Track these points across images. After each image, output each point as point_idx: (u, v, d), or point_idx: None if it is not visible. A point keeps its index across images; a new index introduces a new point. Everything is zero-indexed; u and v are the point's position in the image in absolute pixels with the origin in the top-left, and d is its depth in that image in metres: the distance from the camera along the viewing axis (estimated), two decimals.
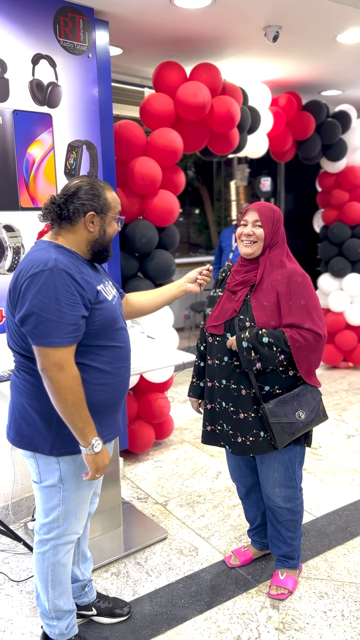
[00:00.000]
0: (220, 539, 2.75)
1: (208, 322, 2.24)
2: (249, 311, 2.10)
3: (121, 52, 3.68)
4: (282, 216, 2.20)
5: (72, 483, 1.85)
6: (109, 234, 1.86)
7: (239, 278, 2.19)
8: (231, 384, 2.14)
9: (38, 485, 1.88)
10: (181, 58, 3.77)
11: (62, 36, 2.79)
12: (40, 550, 1.93)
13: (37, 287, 1.65)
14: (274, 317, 2.07)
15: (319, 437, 3.91)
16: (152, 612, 2.26)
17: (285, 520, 2.31)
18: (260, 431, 2.13)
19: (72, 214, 1.78)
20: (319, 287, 5.43)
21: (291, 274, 2.11)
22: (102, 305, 1.78)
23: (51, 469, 1.83)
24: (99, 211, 1.80)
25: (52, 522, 1.89)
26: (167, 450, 3.76)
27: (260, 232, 2.12)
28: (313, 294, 2.13)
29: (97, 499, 2.17)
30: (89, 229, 1.80)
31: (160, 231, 3.48)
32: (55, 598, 1.97)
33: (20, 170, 2.73)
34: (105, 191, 1.83)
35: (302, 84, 4.68)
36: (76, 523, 1.93)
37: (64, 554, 1.94)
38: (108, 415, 1.88)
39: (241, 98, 3.65)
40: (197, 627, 2.18)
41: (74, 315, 1.68)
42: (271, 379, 2.11)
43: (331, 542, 2.70)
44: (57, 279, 1.66)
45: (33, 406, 1.80)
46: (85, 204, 1.78)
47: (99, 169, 3.03)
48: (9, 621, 2.25)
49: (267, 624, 2.19)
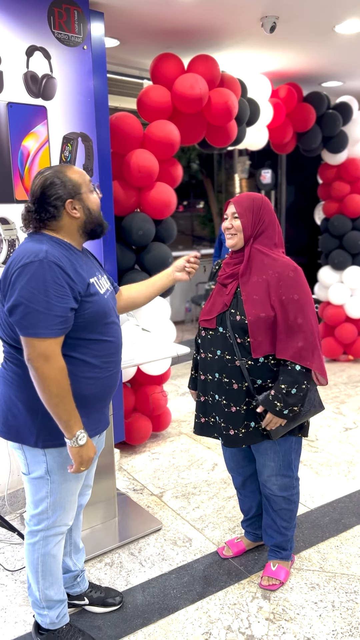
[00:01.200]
0: (214, 530, 2.77)
1: (200, 315, 2.25)
2: (240, 304, 2.10)
3: (118, 44, 3.67)
4: (265, 204, 2.15)
5: (59, 475, 1.86)
6: (94, 209, 1.85)
7: (229, 271, 2.19)
8: (223, 378, 2.15)
9: (27, 477, 1.89)
10: (179, 49, 3.75)
11: (57, 28, 2.78)
12: (31, 541, 1.95)
13: (27, 277, 1.66)
14: (264, 310, 2.06)
15: (316, 430, 3.92)
16: (144, 602, 2.29)
17: (281, 509, 2.32)
18: (251, 422, 2.15)
19: (53, 213, 1.77)
20: (319, 279, 5.41)
21: (283, 267, 2.10)
22: (92, 298, 1.78)
23: (38, 460, 1.84)
24: (73, 195, 1.78)
25: (41, 513, 1.91)
26: (164, 442, 3.78)
27: (238, 224, 2.12)
28: (305, 287, 2.12)
29: (89, 491, 2.19)
30: (74, 216, 1.80)
31: (158, 224, 3.48)
32: (46, 588, 1.99)
33: (14, 162, 2.73)
34: (68, 173, 1.80)
35: (303, 75, 4.65)
36: (65, 515, 1.94)
37: (54, 545, 1.96)
38: (96, 410, 1.88)
39: (239, 90, 3.63)
40: (188, 616, 2.20)
41: (62, 307, 1.68)
42: (263, 373, 2.12)
43: (324, 534, 2.71)
44: (47, 271, 1.66)
45: (19, 398, 1.81)
46: (60, 196, 1.76)
47: (94, 161, 3.02)
48: (3, 610, 2.28)
49: (258, 614, 2.21)
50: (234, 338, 2.10)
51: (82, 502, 2.16)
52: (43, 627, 2.04)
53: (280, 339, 2.06)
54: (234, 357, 2.11)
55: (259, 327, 2.06)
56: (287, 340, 2.05)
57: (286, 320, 2.06)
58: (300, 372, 2.07)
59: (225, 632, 2.12)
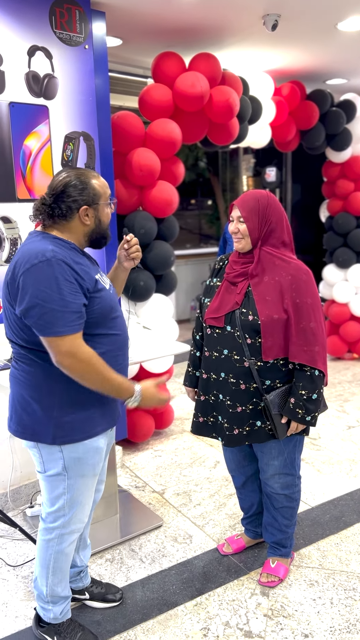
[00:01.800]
0: (214, 527, 2.78)
1: (207, 313, 2.21)
2: (251, 304, 2.08)
3: (121, 43, 3.68)
4: (271, 202, 2.12)
5: (75, 471, 1.88)
6: (104, 221, 1.88)
7: (238, 269, 2.16)
8: (230, 378, 2.13)
9: (42, 475, 1.91)
10: (181, 48, 3.76)
11: (58, 28, 2.80)
12: (45, 538, 1.97)
13: (38, 278, 1.67)
14: (277, 311, 2.05)
15: (319, 428, 3.92)
16: (143, 598, 2.30)
17: (282, 507, 2.33)
18: (257, 421, 2.15)
19: (65, 212, 1.79)
20: (324, 278, 5.41)
21: (296, 270, 2.09)
22: (100, 294, 1.81)
23: (54, 457, 1.85)
24: (90, 203, 1.81)
25: (58, 510, 1.92)
26: (167, 439, 3.80)
27: (244, 228, 2.10)
28: (316, 291, 2.13)
29: (102, 486, 2.20)
30: (84, 223, 1.82)
31: (160, 222, 3.49)
32: (55, 584, 2.01)
33: (17, 162, 2.75)
34: (92, 180, 1.84)
35: (307, 72, 4.64)
36: (81, 511, 1.96)
37: (69, 544, 1.98)
38: (108, 403, 1.90)
39: (241, 88, 3.64)
40: (186, 612, 2.22)
41: (77, 304, 1.70)
42: (272, 373, 2.11)
43: (325, 532, 2.72)
44: (57, 269, 1.68)
45: (33, 397, 1.82)
46: (77, 200, 1.79)
47: (96, 160, 3.04)
48: (4, 604, 2.30)
49: (256, 611, 2.22)
50: (244, 338, 2.08)
51: (95, 498, 2.17)
52: (45, 620, 2.07)
53: (293, 342, 2.06)
54: (242, 358, 2.10)
55: (272, 329, 2.05)
56: (301, 344, 2.05)
57: (299, 324, 2.05)
58: (319, 376, 2.09)
59: (223, 628, 2.13)
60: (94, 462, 1.89)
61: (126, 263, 2.14)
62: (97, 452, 1.89)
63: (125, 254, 2.12)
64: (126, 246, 2.10)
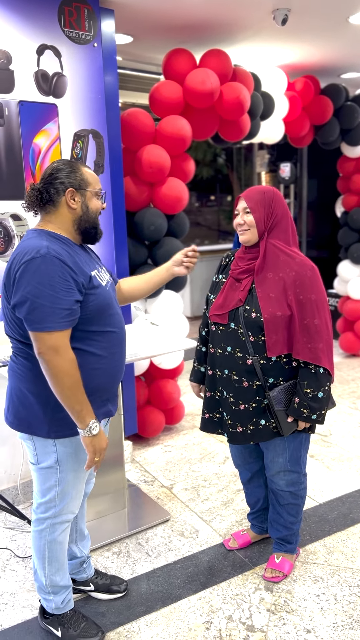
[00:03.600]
0: (221, 522, 2.79)
1: (212, 310, 2.22)
2: (255, 301, 2.08)
3: (132, 40, 3.69)
4: (276, 196, 2.13)
5: (68, 465, 1.91)
6: (92, 210, 1.88)
7: (243, 265, 2.16)
8: (233, 375, 2.14)
9: (35, 466, 1.94)
10: (192, 44, 3.76)
11: (67, 26, 2.83)
12: (38, 529, 2.01)
13: (31, 274, 1.69)
14: (280, 308, 2.05)
15: (330, 425, 3.90)
16: (148, 591, 2.33)
17: (288, 504, 2.33)
18: (261, 419, 2.15)
19: (52, 195, 1.82)
20: (339, 274, 5.36)
21: (300, 266, 2.08)
22: (96, 291, 1.83)
23: (48, 451, 1.89)
24: (77, 187, 1.83)
25: (49, 501, 1.96)
26: (177, 435, 3.82)
27: (251, 219, 2.10)
28: (322, 287, 2.11)
29: (93, 480, 2.24)
30: (70, 206, 1.83)
31: (170, 219, 3.50)
32: (52, 574, 2.04)
33: (26, 160, 2.79)
34: (82, 168, 1.87)
35: (320, 67, 4.60)
36: (72, 503, 1.99)
37: (60, 533, 2.01)
38: (104, 398, 1.93)
39: (252, 84, 3.62)
40: (190, 605, 2.24)
41: (68, 300, 1.72)
42: (275, 371, 2.11)
43: (331, 528, 2.71)
44: (50, 265, 1.70)
45: (30, 390, 1.86)
46: (64, 182, 1.82)
47: (105, 157, 3.07)
48: (12, 594, 2.35)
49: (260, 605, 2.23)
50: (247, 335, 2.09)
51: (87, 489, 2.22)
52: (48, 611, 2.11)
53: (297, 339, 2.05)
54: (245, 355, 2.10)
55: (275, 326, 2.05)
56: (305, 341, 2.05)
57: (303, 320, 2.05)
58: (324, 374, 2.08)
59: (226, 622, 2.15)
60: (86, 456, 1.91)
61: (177, 268, 2.18)
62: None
63: (182, 260, 2.16)
64: (190, 253, 2.15)
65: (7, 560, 2.56)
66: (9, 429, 2.93)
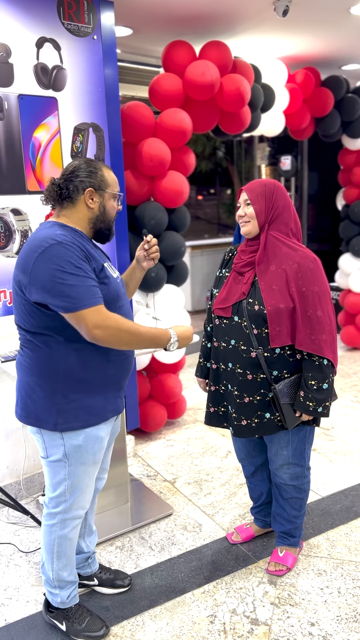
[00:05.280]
0: (224, 516, 2.80)
1: (215, 303, 2.22)
2: (257, 294, 2.08)
3: (132, 33, 3.67)
4: (278, 188, 2.13)
5: (76, 458, 1.91)
6: (109, 211, 1.91)
7: (246, 258, 2.16)
8: (237, 368, 2.14)
9: (45, 460, 1.95)
10: (193, 36, 3.74)
11: (67, 19, 2.80)
12: (49, 523, 2.01)
13: (51, 260, 1.70)
14: (283, 300, 2.05)
15: (332, 418, 3.90)
16: (152, 585, 2.33)
17: (291, 497, 2.33)
18: (265, 412, 2.15)
19: (72, 192, 1.85)
20: (340, 267, 5.35)
21: (302, 258, 2.08)
22: (107, 281, 1.85)
23: (56, 444, 1.89)
24: (97, 187, 1.86)
25: (60, 496, 1.96)
26: (179, 429, 3.82)
27: (251, 211, 2.10)
28: (324, 279, 2.11)
29: (106, 475, 2.23)
30: (89, 205, 1.86)
31: (170, 213, 3.49)
32: (60, 569, 2.05)
33: (26, 154, 2.77)
34: (103, 169, 1.90)
35: (321, 59, 4.57)
36: (82, 497, 1.99)
37: (71, 529, 2.02)
38: (112, 392, 1.93)
39: (252, 75, 3.60)
40: (194, 599, 2.24)
41: (93, 279, 1.75)
42: (280, 363, 2.11)
43: (335, 521, 2.72)
44: (68, 249, 1.72)
45: (37, 383, 1.86)
46: (84, 181, 1.84)
47: (106, 151, 3.05)
48: (16, 589, 2.35)
49: (263, 599, 2.23)
50: (251, 328, 2.09)
51: (98, 486, 2.21)
52: (53, 605, 2.11)
53: (300, 330, 2.05)
54: (249, 348, 2.10)
55: (279, 318, 2.05)
56: (308, 333, 2.05)
57: (305, 312, 2.05)
58: (328, 365, 2.08)
59: (230, 615, 2.15)
60: (94, 450, 1.92)
61: (145, 263, 2.19)
62: (98, 441, 1.92)
63: (144, 254, 2.17)
64: (146, 246, 2.16)
65: (10, 555, 2.57)
66: (12, 424, 2.94)
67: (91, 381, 1.85)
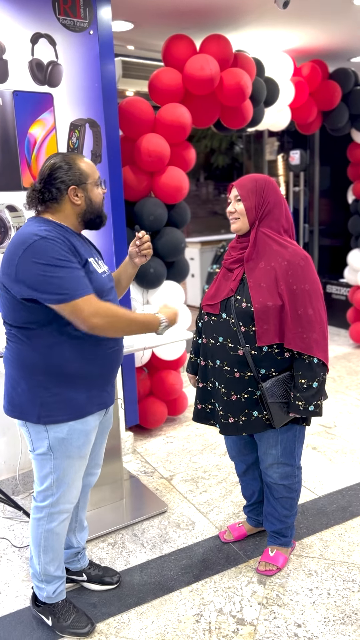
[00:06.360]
0: (218, 514, 2.78)
1: (204, 300, 2.22)
2: (246, 291, 2.06)
3: (132, 27, 3.64)
4: (269, 185, 2.09)
5: (61, 451, 1.91)
6: (96, 201, 1.90)
7: (235, 255, 2.14)
8: (225, 366, 2.12)
9: (32, 453, 1.96)
10: (195, 30, 3.70)
11: (62, 14, 2.79)
12: (36, 517, 2.02)
13: (39, 253, 1.70)
14: (271, 298, 2.02)
15: (334, 416, 3.85)
16: (140, 582, 2.33)
17: (282, 497, 2.31)
18: (253, 411, 2.12)
19: (55, 195, 1.83)
20: (349, 263, 5.28)
21: (292, 256, 2.04)
22: (91, 276, 1.83)
23: (41, 437, 1.90)
24: (78, 183, 1.84)
25: (46, 490, 1.97)
26: (180, 426, 3.80)
27: (241, 208, 2.07)
28: (315, 277, 2.07)
29: (98, 470, 2.23)
30: (74, 203, 1.85)
31: (170, 208, 3.46)
32: (46, 563, 2.05)
33: (21, 150, 2.77)
34: (78, 161, 1.87)
35: (329, 51, 4.49)
36: (69, 491, 1.99)
37: (59, 523, 2.02)
38: (97, 386, 1.92)
39: (254, 69, 3.55)
40: (181, 597, 2.23)
41: (80, 269, 1.76)
42: (267, 362, 2.08)
43: (329, 521, 2.68)
44: (52, 244, 1.72)
45: (21, 375, 1.86)
46: (65, 180, 1.83)
47: (103, 146, 3.04)
48: (6, 584, 2.37)
49: (251, 599, 2.21)
50: (238, 326, 2.06)
51: (90, 481, 2.21)
52: (40, 599, 2.12)
53: (289, 328, 2.02)
54: (237, 345, 2.08)
55: (266, 316, 2.02)
56: (299, 331, 2.02)
57: (295, 311, 2.02)
58: (318, 364, 2.05)
59: (216, 615, 2.14)
60: (79, 443, 1.92)
61: (137, 259, 2.17)
62: (83, 434, 1.91)
63: (136, 251, 2.14)
64: (138, 242, 2.13)
65: (4, 550, 2.59)
66: (8, 419, 2.96)
67: (74, 374, 1.85)
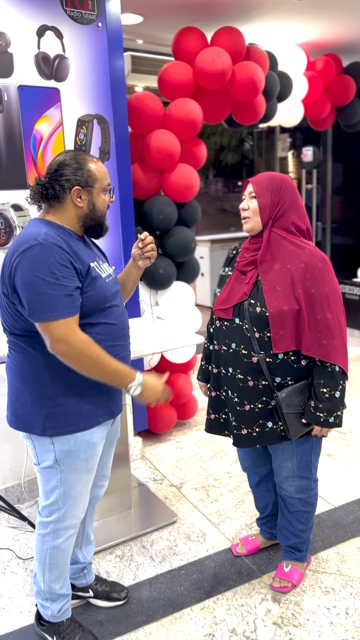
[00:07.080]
0: (230, 525, 2.68)
1: (216, 304, 2.10)
2: (260, 295, 1.95)
3: (142, 20, 3.54)
4: (286, 183, 1.99)
5: (67, 464, 1.82)
6: (99, 208, 1.80)
7: (248, 257, 2.03)
8: (238, 374, 2.01)
9: (37, 467, 1.87)
10: (206, 23, 3.59)
11: (69, 5, 2.69)
12: (41, 532, 1.93)
13: (30, 263, 1.62)
14: (287, 302, 1.90)
15: (350, 422, 3.74)
16: (149, 598, 2.23)
17: (297, 511, 2.20)
18: (268, 421, 2.01)
19: (58, 192, 1.74)
20: None
21: (310, 257, 1.93)
22: (94, 281, 1.75)
23: (46, 449, 1.81)
24: (84, 185, 1.75)
25: (52, 504, 1.88)
26: (190, 431, 3.70)
27: (255, 206, 1.96)
28: (334, 279, 1.96)
29: (106, 482, 2.14)
30: (77, 204, 1.76)
31: (180, 207, 3.36)
32: (52, 581, 1.96)
33: (27, 147, 2.68)
34: (89, 163, 1.77)
35: (344, 45, 4.37)
36: (76, 506, 1.90)
37: (65, 539, 1.93)
38: (103, 396, 1.83)
39: (267, 63, 3.44)
40: (192, 616, 2.13)
41: (70, 287, 1.65)
42: (283, 370, 1.96)
43: (346, 534, 2.57)
44: (49, 252, 1.63)
45: (24, 386, 1.78)
46: (70, 179, 1.73)
47: (111, 143, 2.93)
48: (10, 598, 2.28)
49: (265, 618, 2.11)
50: (252, 331, 1.95)
51: (97, 494, 2.12)
52: (44, 618, 2.03)
53: (307, 334, 1.91)
54: (250, 352, 1.97)
55: (282, 321, 1.91)
56: (318, 337, 1.90)
57: (314, 315, 1.90)
58: (339, 372, 1.94)
59: (229, 635, 2.04)
60: (86, 456, 1.83)
61: (141, 262, 2.07)
62: (90, 446, 1.82)
63: (139, 253, 2.05)
64: (140, 245, 2.04)
65: (8, 561, 2.50)
66: None
67: (80, 384, 1.75)
